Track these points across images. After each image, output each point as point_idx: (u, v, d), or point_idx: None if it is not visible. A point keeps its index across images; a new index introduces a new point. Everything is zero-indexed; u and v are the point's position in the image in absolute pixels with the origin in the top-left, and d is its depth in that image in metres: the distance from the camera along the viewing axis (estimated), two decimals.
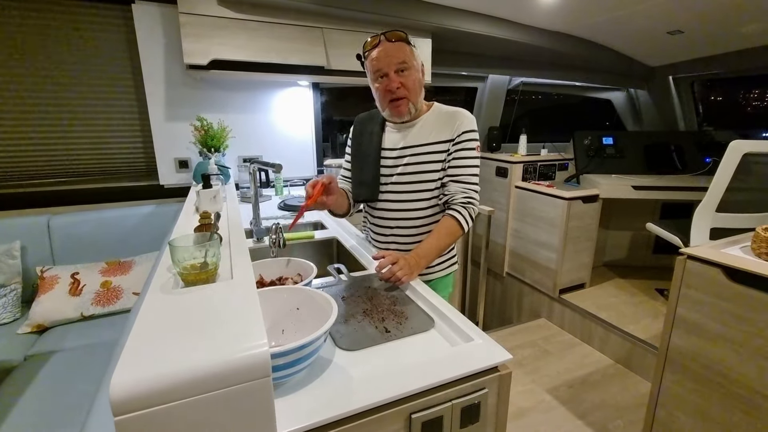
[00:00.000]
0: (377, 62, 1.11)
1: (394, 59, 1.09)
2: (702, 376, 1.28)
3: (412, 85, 1.13)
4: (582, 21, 2.40)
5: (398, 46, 1.10)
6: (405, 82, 1.11)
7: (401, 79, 1.11)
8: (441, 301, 0.94)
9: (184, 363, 0.46)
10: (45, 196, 2.00)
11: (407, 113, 1.16)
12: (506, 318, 3.03)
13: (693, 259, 1.27)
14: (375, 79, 1.14)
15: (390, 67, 1.10)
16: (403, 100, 1.13)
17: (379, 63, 1.10)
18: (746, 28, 2.35)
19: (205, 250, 0.69)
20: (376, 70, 1.12)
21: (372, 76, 1.15)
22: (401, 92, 1.12)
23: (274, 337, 0.78)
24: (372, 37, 1.12)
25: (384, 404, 0.63)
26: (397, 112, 1.15)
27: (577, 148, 2.90)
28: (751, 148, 1.59)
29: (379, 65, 1.10)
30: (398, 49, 1.10)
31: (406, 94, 1.12)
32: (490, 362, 0.71)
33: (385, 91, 1.13)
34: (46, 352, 1.56)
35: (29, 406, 1.28)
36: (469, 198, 1.14)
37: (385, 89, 1.12)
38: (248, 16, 1.90)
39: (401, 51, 1.10)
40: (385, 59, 1.10)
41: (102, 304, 1.79)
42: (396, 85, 1.10)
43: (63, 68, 1.99)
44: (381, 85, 1.13)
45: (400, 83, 1.11)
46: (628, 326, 2.18)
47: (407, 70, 1.11)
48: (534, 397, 1.89)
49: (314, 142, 2.55)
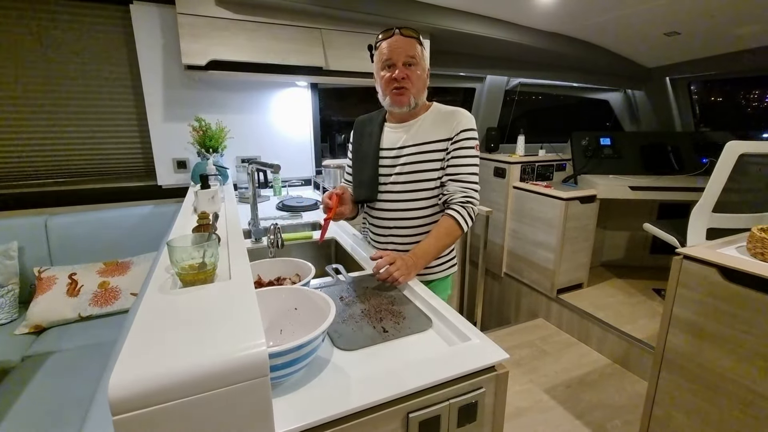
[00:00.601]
0: (388, 52, 1.14)
1: (404, 52, 1.13)
2: (698, 375, 1.28)
3: (417, 80, 1.16)
4: (579, 22, 2.41)
5: (410, 42, 1.14)
6: (410, 75, 1.14)
7: (407, 71, 1.14)
8: (439, 301, 0.95)
9: (182, 363, 0.47)
10: (43, 197, 1.99)
11: (407, 104, 1.17)
12: (504, 318, 3.04)
13: (689, 259, 1.28)
14: (382, 67, 1.17)
15: (399, 59, 1.13)
16: (405, 90, 1.15)
17: (389, 53, 1.13)
18: (742, 30, 2.36)
19: (204, 251, 0.69)
20: (385, 59, 1.15)
21: (379, 65, 1.18)
22: (405, 83, 1.14)
23: (272, 337, 0.78)
24: (386, 30, 1.15)
25: (381, 404, 0.63)
26: (398, 101, 1.17)
27: (575, 148, 2.92)
28: (747, 149, 1.60)
29: (389, 55, 1.13)
30: (409, 45, 1.14)
31: (409, 86, 1.15)
32: (487, 362, 0.72)
33: (390, 80, 1.15)
34: (44, 353, 1.56)
35: (27, 406, 1.28)
36: (468, 197, 1.15)
37: (391, 78, 1.14)
38: (246, 17, 1.91)
39: (412, 47, 1.14)
40: (396, 50, 1.13)
41: (100, 305, 1.79)
42: (402, 75, 1.13)
43: (60, 68, 1.98)
44: (387, 73, 1.15)
45: (406, 74, 1.13)
46: (625, 326, 2.19)
47: (414, 66, 1.15)
48: (532, 396, 1.90)
49: (312, 142, 2.56)
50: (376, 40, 1.18)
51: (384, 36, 1.16)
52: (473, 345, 0.77)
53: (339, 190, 1.18)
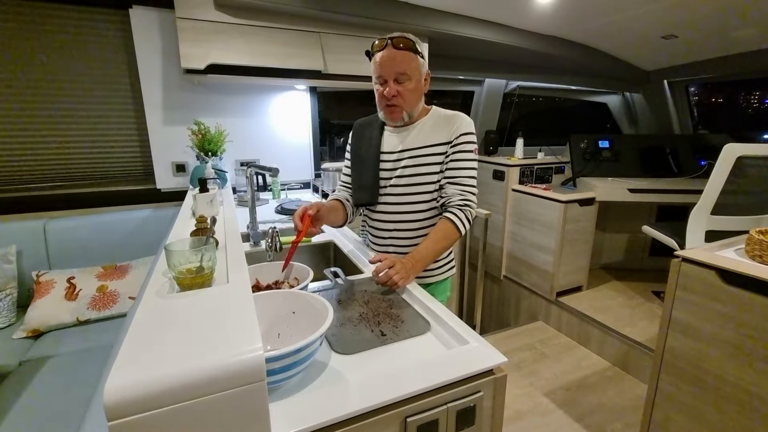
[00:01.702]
0: (379, 68, 1.13)
1: (395, 68, 1.11)
2: (697, 378, 1.28)
3: (409, 96, 1.15)
4: (577, 25, 2.43)
5: (403, 55, 1.11)
6: (402, 91, 1.13)
7: (399, 87, 1.13)
8: (437, 304, 0.95)
9: (178, 367, 0.46)
10: (41, 200, 1.99)
11: (399, 120, 1.19)
12: (504, 321, 3.03)
13: (688, 262, 1.28)
14: (375, 80, 1.17)
15: (390, 75, 1.12)
16: (396, 107, 1.15)
17: (380, 69, 1.13)
18: (739, 33, 2.38)
19: (201, 255, 0.69)
20: (377, 75, 1.15)
21: (373, 77, 1.18)
22: (396, 101, 1.14)
23: (269, 341, 0.78)
24: (380, 40, 1.13)
25: (379, 408, 0.63)
26: (391, 117, 1.19)
27: (574, 151, 2.92)
28: (745, 151, 1.60)
29: (380, 71, 1.13)
30: (402, 59, 1.11)
31: (400, 103, 1.15)
32: (485, 365, 0.72)
33: (382, 96, 1.16)
34: (42, 357, 1.55)
35: (24, 411, 1.27)
36: (466, 200, 1.15)
37: (382, 95, 1.15)
38: (245, 21, 1.91)
39: (404, 61, 1.11)
40: (386, 66, 1.12)
41: (98, 309, 1.79)
42: (392, 93, 1.13)
43: (60, 72, 1.98)
44: (380, 88, 1.16)
45: (396, 91, 1.13)
46: (624, 329, 2.19)
47: (407, 81, 1.13)
48: (531, 400, 1.89)
49: (311, 145, 2.56)
50: (371, 49, 1.16)
51: (377, 46, 1.13)
52: (471, 348, 0.76)
53: (312, 210, 1.09)
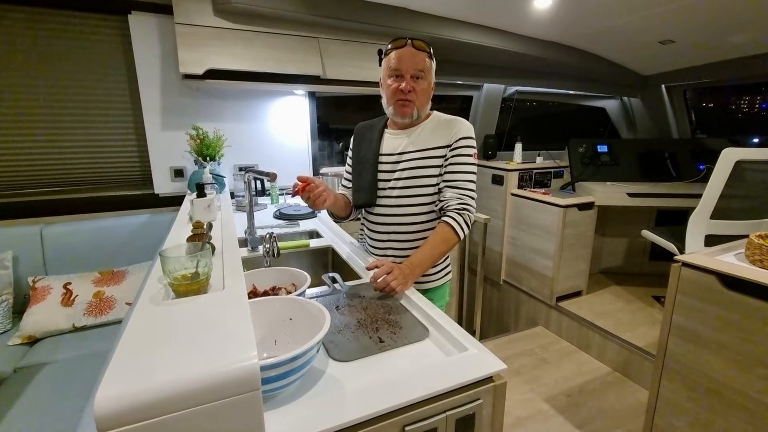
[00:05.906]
0: (398, 62, 1.14)
1: (414, 64, 1.13)
2: (698, 383, 1.27)
3: (422, 94, 1.17)
4: (575, 31, 2.44)
5: (420, 55, 1.14)
6: (417, 88, 1.15)
7: (414, 84, 1.14)
8: (436, 310, 0.94)
9: (171, 377, 0.46)
10: (38, 206, 1.98)
11: (410, 116, 1.18)
12: (504, 326, 3.02)
13: (688, 267, 1.27)
14: (390, 75, 1.17)
15: (408, 71, 1.13)
16: (410, 103, 1.16)
17: (399, 63, 1.14)
18: (736, 38, 2.39)
19: (197, 261, 0.69)
20: (394, 68, 1.15)
21: (387, 72, 1.18)
22: (411, 96, 1.15)
23: (266, 348, 0.77)
24: (399, 38, 1.15)
25: (377, 416, 0.62)
26: (402, 112, 1.18)
27: (572, 155, 2.92)
28: (743, 156, 1.60)
29: (399, 65, 1.14)
30: (419, 57, 1.14)
31: (414, 99, 1.16)
32: (484, 372, 0.71)
33: (397, 90, 1.15)
34: (37, 364, 1.53)
35: (18, 419, 1.26)
36: (465, 204, 1.15)
37: (397, 88, 1.15)
38: (244, 26, 1.92)
39: (422, 60, 1.14)
40: (406, 61, 1.13)
41: (94, 315, 1.77)
42: (408, 88, 1.14)
43: (59, 77, 1.98)
44: (394, 83, 1.15)
45: (412, 87, 1.14)
46: (625, 334, 2.18)
47: (422, 79, 1.15)
48: (532, 406, 1.88)
49: (310, 150, 2.56)
50: (387, 48, 1.18)
51: (395, 45, 1.16)
52: (470, 355, 0.76)
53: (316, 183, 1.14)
